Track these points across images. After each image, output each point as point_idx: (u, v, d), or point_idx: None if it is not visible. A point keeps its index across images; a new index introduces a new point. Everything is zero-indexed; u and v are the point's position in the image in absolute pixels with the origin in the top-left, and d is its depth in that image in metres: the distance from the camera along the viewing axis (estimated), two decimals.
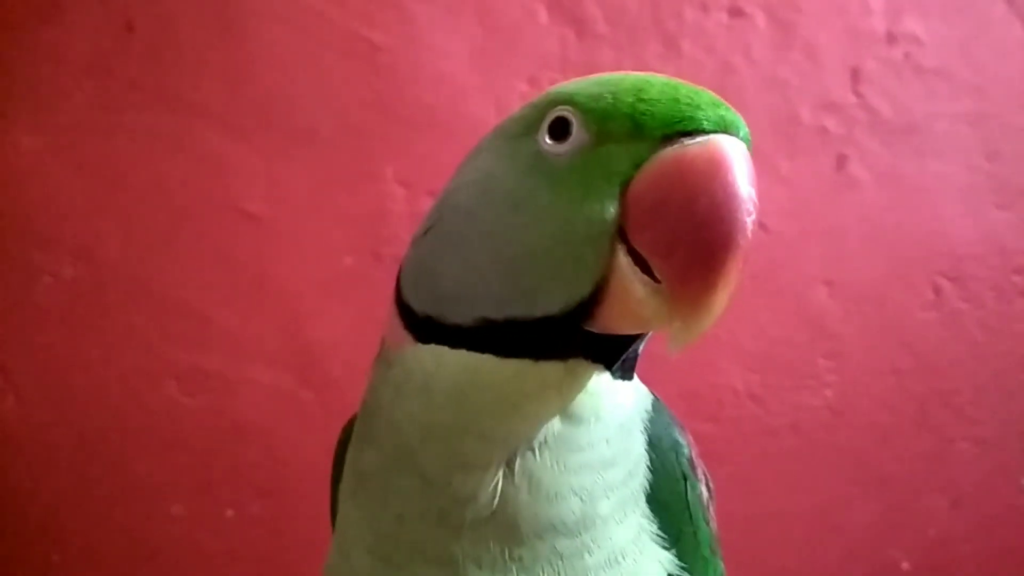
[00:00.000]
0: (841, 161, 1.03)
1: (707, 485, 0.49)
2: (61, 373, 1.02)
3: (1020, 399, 1.04)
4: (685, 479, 0.45)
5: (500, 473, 0.40)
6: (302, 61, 1.00)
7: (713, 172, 0.35)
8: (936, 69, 1.04)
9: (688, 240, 0.35)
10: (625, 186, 0.36)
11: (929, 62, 1.04)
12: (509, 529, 0.40)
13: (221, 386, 1.02)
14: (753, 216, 0.35)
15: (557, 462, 0.40)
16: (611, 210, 0.36)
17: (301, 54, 1.00)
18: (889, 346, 1.03)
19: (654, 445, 0.44)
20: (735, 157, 0.35)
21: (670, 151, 0.36)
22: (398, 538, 0.42)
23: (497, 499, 0.40)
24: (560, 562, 0.40)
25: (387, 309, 0.46)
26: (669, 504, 0.44)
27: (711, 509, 0.49)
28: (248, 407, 1.02)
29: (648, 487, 0.43)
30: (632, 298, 0.36)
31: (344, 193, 1.01)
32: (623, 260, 0.36)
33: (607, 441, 0.41)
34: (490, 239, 0.39)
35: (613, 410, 0.41)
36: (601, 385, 0.41)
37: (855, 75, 1.03)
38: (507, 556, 0.40)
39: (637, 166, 0.36)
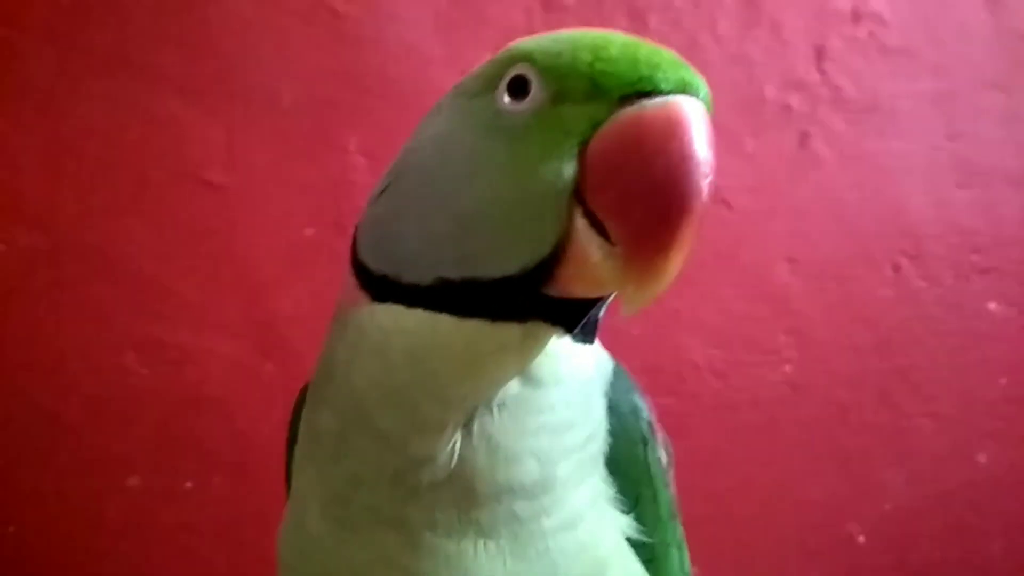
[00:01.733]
0: (804, 139, 1.03)
1: (666, 450, 0.49)
2: (15, 343, 1.00)
3: (977, 376, 1.05)
4: (644, 443, 0.45)
5: (458, 435, 0.39)
6: (263, 28, 0.99)
7: (670, 134, 0.34)
8: (900, 48, 1.04)
9: (643, 202, 0.34)
10: (583, 147, 0.36)
11: (893, 41, 1.04)
12: (466, 491, 0.40)
13: (180, 357, 1.01)
14: (710, 179, 0.34)
15: (516, 424, 0.40)
16: (568, 171, 0.36)
17: (262, 21, 0.99)
18: (849, 322, 1.04)
19: (614, 409, 0.44)
20: (693, 119, 0.34)
21: (628, 112, 0.35)
22: (353, 501, 0.42)
23: (455, 461, 0.39)
24: (517, 525, 0.40)
25: (343, 270, 0.45)
26: (628, 468, 0.44)
27: (670, 473, 0.49)
28: (208, 379, 1.01)
29: (607, 451, 0.43)
30: (588, 261, 0.35)
31: (306, 163, 1.00)
32: (580, 222, 0.35)
33: (567, 404, 0.41)
34: (447, 199, 0.39)
35: (573, 373, 0.41)
36: (561, 348, 0.41)
37: (820, 53, 1.03)
38: (464, 518, 0.40)
39: (595, 126, 0.36)
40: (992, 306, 1.05)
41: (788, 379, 1.04)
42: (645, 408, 0.46)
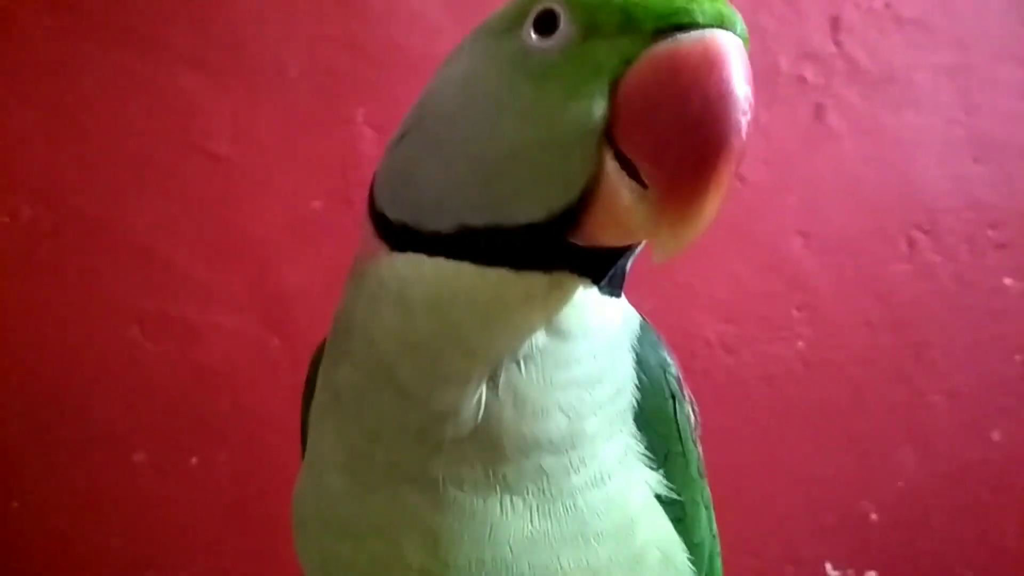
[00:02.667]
0: (819, 111, 1.02)
1: (693, 407, 0.48)
2: (19, 317, 0.99)
3: (991, 352, 1.04)
4: (673, 398, 0.44)
5: (483, 388, 0.38)
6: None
7: (708, 69, 0.32)
8: (916, 20, 1.03)
9: (679, 141, 0.32)
10: (615, 84, 0.34)
11: (909, 13, 1.03)
12: (492, 446, 0.38)
13: (185, 332, 0.99)
14: (748, 116, 0.32)
15: (543, 377, 0.38)
16: (599, 110, 0.34)
17: None
18: (863, 298, 1.03)
19: (642, 363, 0.43)
20: (732, 54, 0.33)
21: (662, 46, 0.33)
22: (374, 457, 0.40)
23: (480, 415, 0.38)
24: (545, 480, 0.39)
25: (361, 219, 0.43)
26: (657, 423, 0.43)
27: (697, 432, 0.48)
28: (213, 353, 0.99)
29: (636, 406, 0.42)
30: (619, 205, 0.34)
31: (313, 135, 0.98)
32: (611, 165, 0.34)
33: (595, 357, 0.40)
34: (471, 142, 0.37)
35: (601, 326, 0.40)
36: (588, 300, 0.39)
37: (835, 24, 1.02)
38: (490, 474, 0.39)
39: (627, 63, 0.34)
40: (1008, 281, 1.03)
41: (801, 355, 1.03)
42: (673, 364, 0.45)
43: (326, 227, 0.99)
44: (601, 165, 0.34)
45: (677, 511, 0.43)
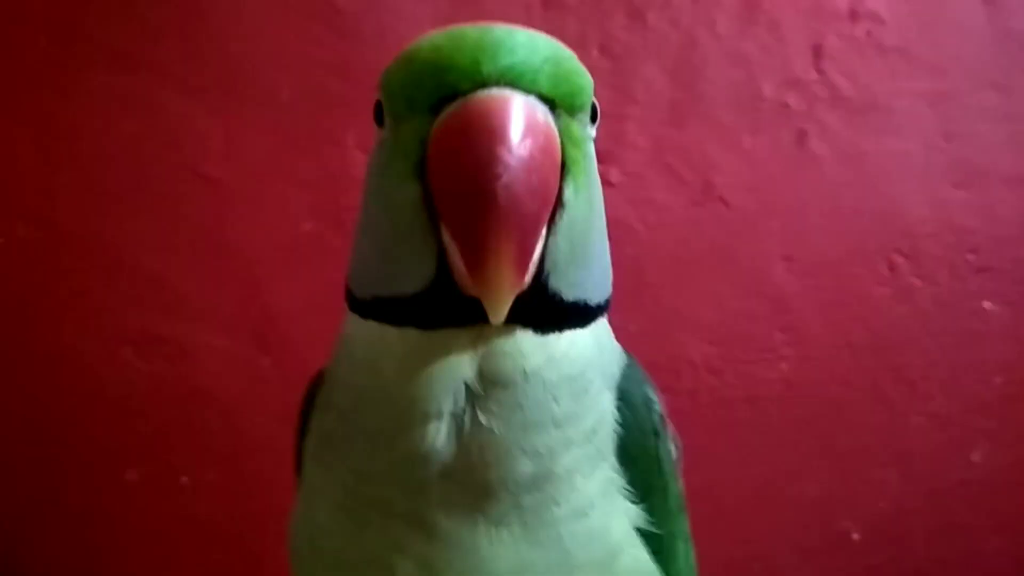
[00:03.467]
0: (801, 137, 1.04)
1: (675, 443, 0.49)
2: (12, 337, 1.00)
3: (972, 375, 1.06)
4: (656, 435, 0.45)
5: (443, 433, 0.39)
6: (262, 22, 0.99)
7: (457, 145, 0.33)
8: (897, 48, 1.05)
9: (459, 215, 0.34)
10: (422, 164, 0.36)
11: (890, 40, 1.04)
12: (469, 487, 0.40)
13: (177, 351, 1.01)
14: (514, 172, 0.32)
15: (502, 422, 0.39)
16: (413, 192, 0.36)
17: (261, 14, 0.99)
18: (844, 321, 1.04)
19: (627, 399, 0.44)
20: (479, 119, 0.33)
21: (439, 122, 0.35)
22: (364, 494, 0.42)
23: (448, 458, 0.39)
24: (527, 514, 0.40)
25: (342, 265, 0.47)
26: (639, 459, 0.44)
27: (678, 467, 0.49)
28: (204, 373, 1.01)
29: (618, 441, 0.43)
30: (458, 271, 0.36)
31: (304, 158, 1.00)
32: (446, 237, 0.36)
33: (555, 399, 0.40)
34: (362, 224, 0.43)
35: (545, 367, 0.40)
36: (524, 345, 0.39)
37: (817, 52, 1.04)
38: (473, 509, 0.40)
39: (422, 142, 0.36)
40: (987, 305, 1.05)
41: (784, 376, 1.04)
42: (657, 400, 0.46)
43: (317, 248, 1.00)
44: (441, 238, 0.36)
45: (656, 544, 0.44)
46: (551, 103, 0.37)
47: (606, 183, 0.48)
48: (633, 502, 0.43)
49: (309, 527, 0.45)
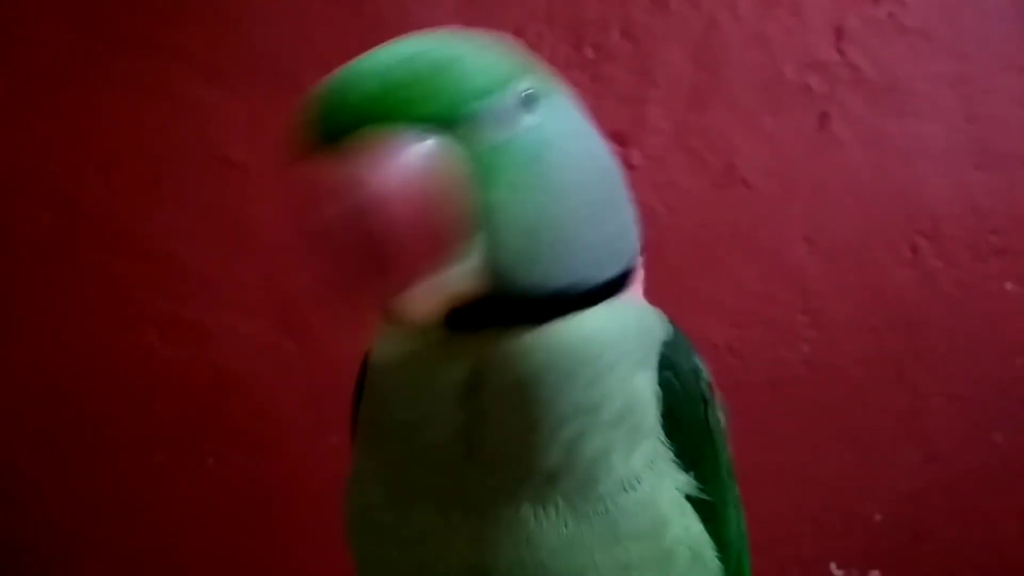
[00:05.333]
0: (823, 119, 1.04)
1: (724, 410, 0.49)
2: (38, 322, 1.01)
3: (993, 356, 1.05)
4: (705, 403, 0.45)
5: (456, 434, 0.41)
6: (286, 8, 0.99)
7: (312, 205, 0.37)
8: (918, 29, 1.04)
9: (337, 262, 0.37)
10: None
11: (912, 22, 1.04)
12: (498, 476, 0.41)
13: (202, 336, 1.01)
14: (363, 222, 0.35)
15: (520, 414, 0.40)
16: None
17: (285, 2, 0.99)
18: (866, 303, 1.04)
19: (675, 370, 0.44)
20: (327, 181, 0.36)
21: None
22: (409, 475, 0.44)
23: (470, 455, 0.41)
24: (569, 492, 0.41)
25: None
26: (689, 428, 0.44)
27: (728, 434, 0.49)
28: (229, 357, 1.01)
29: (666, 411, 0.43)
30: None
31: None
32: None
33: (566, 390, 0.40)
34: None
35: (552, 360, 0.40)
36: (525, 343, 0.40)
37: (839, 33, 1.04)
38: (516, 489, 0.41)
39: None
40: (1009, 286, 1.05)
41: (805, 359, 1.04)
42: (704, 369, 0.46)
43: None
44: None
45: (707, 511, 0.44)
46: (428, 124, 0.37)
47: (628, 166, 0.48)
48: (683, 470, 0.43)
49: (361, 502, 0.46)
